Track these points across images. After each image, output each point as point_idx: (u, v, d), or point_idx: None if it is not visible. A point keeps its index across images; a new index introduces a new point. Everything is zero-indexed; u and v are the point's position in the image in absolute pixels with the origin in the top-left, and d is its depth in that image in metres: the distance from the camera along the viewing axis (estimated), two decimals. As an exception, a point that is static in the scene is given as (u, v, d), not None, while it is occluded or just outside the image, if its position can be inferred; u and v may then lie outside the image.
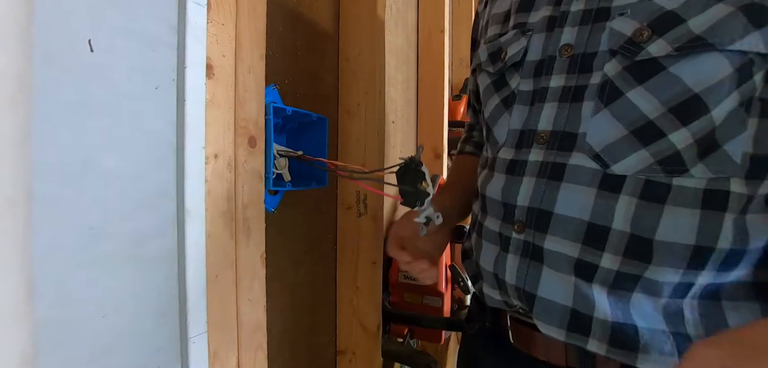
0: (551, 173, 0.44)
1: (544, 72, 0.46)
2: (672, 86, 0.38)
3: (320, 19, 0.73)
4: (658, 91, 0.38)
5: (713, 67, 0.36)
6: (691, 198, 0.38)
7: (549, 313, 0.43)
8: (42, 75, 0.30)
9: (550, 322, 0.43)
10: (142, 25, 0.38)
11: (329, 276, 0.79)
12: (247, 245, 0.50)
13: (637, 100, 0.39)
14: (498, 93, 0.52)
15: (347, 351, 0.80)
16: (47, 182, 0.31)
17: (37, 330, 0.30)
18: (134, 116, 0.38)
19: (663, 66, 0.38)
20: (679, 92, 0.38)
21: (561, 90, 0.44)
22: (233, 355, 0.48)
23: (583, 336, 0.41)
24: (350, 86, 0.78)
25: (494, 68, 0.52)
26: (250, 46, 0.50)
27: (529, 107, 0.47)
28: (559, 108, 0.44)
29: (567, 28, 0.45)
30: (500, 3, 0.56)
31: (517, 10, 0.52)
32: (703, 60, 0.37)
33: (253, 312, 0.51)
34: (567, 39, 0.45)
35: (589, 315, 0.41)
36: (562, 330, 0.42)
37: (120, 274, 0.37)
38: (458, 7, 1.71)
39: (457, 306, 1.07)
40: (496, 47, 0.53)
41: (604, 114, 0.41)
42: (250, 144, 0.51)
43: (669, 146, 0.38)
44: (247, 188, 0.50)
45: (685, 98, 0.37)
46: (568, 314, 0.42)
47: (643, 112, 0.39)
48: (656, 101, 0.39)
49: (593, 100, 0.42)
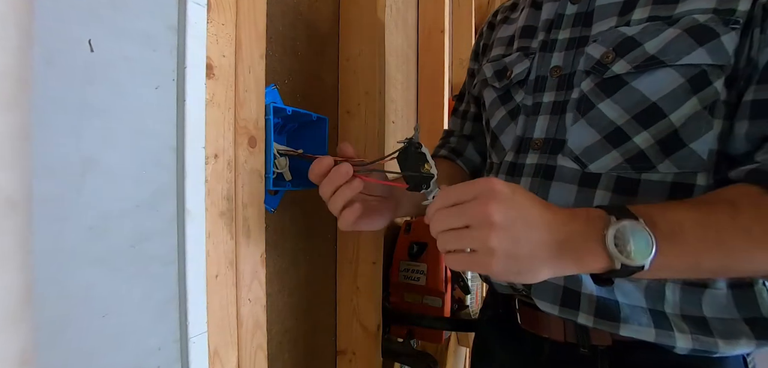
0: (544, 173, 0.51)
1: (538, 88, 0.55)
2: (633, 97, 0.45)
3: (320, 19, 0.73)
4: (622, 102, 0.46)
5: (666, 80, 0.44)
6: (659, 191, 0.45)
7: (545, 291, 0.49)
8: (42, 75, 0.30)
9: (545, 299, 0.49)
10: (142, 25, 0.38)
11: (329, 276, 0.79)
12: (247, 245, 0.50)
13: (606, 110, 0.47)
14: (504, 106, 0.59)
15: (347, 351, 0.80)
16: (47, 182, 0.31)
17: (37, 330, 0.30)
18: (134, 116, 0.37)
19: (626, 81, 0.46)
20: (639, 101, 0.45)
21: (552, 104, 0.53)
22: (233, 355, 0.48)
23: (574, 311, 0.48)
24: (350, 86, 0.78)
25: (500, 84, 0.60)
26: (250, 46, 0.50)
27: (526, 118, 0.55)
28: (550, 119, 0.52)
29: (556, 53, 0.54)
30: (506, 28, 0.66)
31: (521, 35, 0.61)
32: (656, 75, 0.44)
33: (253, 312, 0.51)
34: (556, 62, 0.53)
35: (578, 291, 0.47)
36: (556, 305, 0.49)
37: (120, 274, 0.37)
38: (458, 7, 1.71)
39: (457, 306, 1.07)
40: (502, 66, 0.61)
41: (581, 123, 0.49)
42: (250, 144, 0.51)
43: (634, 147, 0.46)
44: (247, 188, 0.50)
45: (645, 106, 0.45)
46: (560, 291, 0.49)
47: (611, 119, 0.47)
48: (621, 110, 0.46)
49: (573, 111, 0.50)
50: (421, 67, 1.32)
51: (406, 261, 1.04)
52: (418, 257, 1.04)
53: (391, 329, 1.02)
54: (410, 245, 1.05)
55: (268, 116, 0.54)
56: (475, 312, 1.08)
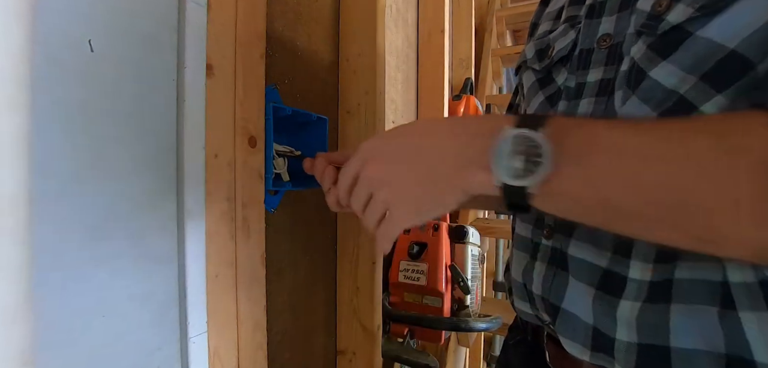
0: None
1: (583, 65, 0.43)
2: (699, 50, 0.31)
3: (320, 19, 0.73)
4: (684, 60, 0.32)
5: (753, 12, 0.29)
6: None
7: (571, 328, 0.39)
8: (42, 75, 0.30)
9: (572, 338, 0.39)
10: (142, 25, 0.38)
11: (329, 276, 0.79)
12: (247, 245, 0.50)
13: (661, 76, 0.34)
14: (543, 91, 0.48)
15: (347, 351, 0.80)
16: (47, 182, 0.31)
17: (37, 330, 0.30)
18: (134, 115, 0.38)
19: (689, 31, 0.32)
20: (709, 52, 0.31)
21: (598, 83, 0.40)
22: (233, 355, 0.48)
23: (609, 357, 0.37)
24: (350, 86, 0.78)
25: (540, 65, 0.49)
26: (250, 46, 0.50)
27: (568, 103, 0.43)
28: (596, 103, 0.40)
29: (605, 17, 0.42)
30: (555, 2, 0.53)
31: (570, 3, 0.48)
32: (736, 10, 0.30)
33: (253, 312, 0.51)
34: (605, 29, 0.41)
35: (612, 337, 0.36)
36: (587, 350, 0.38)
37: (120, 274, 0.37)
38: (458, 7, 1.71)
39: (457, 306, 1.07)
40: (545, 44, 0.49)
41: (633, 101, 0.36)
42: (250, 144, 0.51)
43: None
44: (247, 188, 0.50)
45: (719, 56, 0.30)
46: (590, 332, 0.37)
47: (669, 88, 0.33)
48: (683, 72, 0.32)
49: (622, 88, 0.37)
50: (421, 67, 1.32)
51: (406, 261, 1.04)
52: (418, 257, 1.04)
53: (391, 329, 1.02)
54: (410, 245, 1.06)
55: (268, 116, 0.54)
56: (475, 311, 1.08)
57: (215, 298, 0.45)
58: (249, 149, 0.50)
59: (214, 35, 0.45)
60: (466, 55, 1.68)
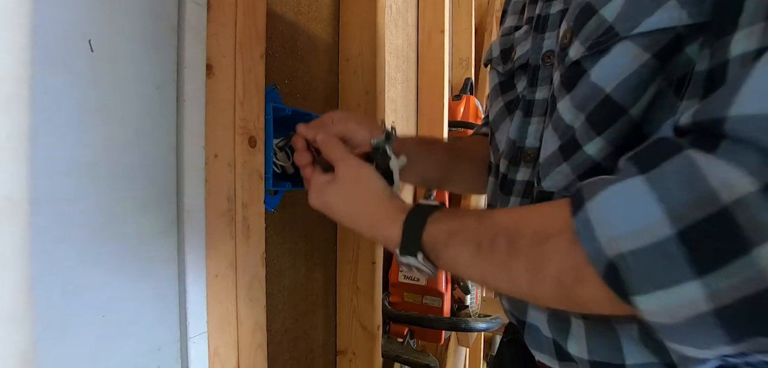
0: (531, 195, 0.41)
1: (532, 81, 0.42)
2: (587, 90, 0.32)
3: (320, 19, 0.73)
4: (578, 97, 0.33)
5: (625, 57, 0.29)
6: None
7: (536, 341, 0.40)
8: (42, 75, 0.30)
9: (538, 349, 0.40)
10: (142, 25, 0.38)
11: (329, 276, 0.79)
12: (247, 245, 0.50)
13: (563, 110, 0.34)
14: (503, 95, 0.47)
15: (347, 351, 0.80)
16: (47, 182, 0.31)
17: (37, 330, 0.30)
18: (134, 115, 0.38)
19: (584, 69, 0.32)
20: (592, 95, 0.31)
21: (544, 103, 0.40)
22: (233, 355, 0.48)
23: (574, 364, 0.37)
24: (350, 86, 0.78)
25: (504, 68, 0.47)
26: (250, 46, 0.50)
27: (523, 118, 0.43)
28: (544, 124, 0.39)
29: (548, 32, 0.41)
30: None
31: (531, 0, 0.45)
32: (614, 54, 0.30)
33: (253, 312, 0.51)
34: (549, 45, 0.40)
35: (569, 351, 0.38)
36: (555, 360, 0.39)
37: (120, 274, 0.37)
38: (458, 7, 1.71)
39: (457, 306, 1.07)
40: (509, 44, 0.47)
41: (549, 131, 0.37)
42: (250, 144, 0.51)
43: (586, 159, 0.33)
44: (247, 188, 0.50)
45: (598, 99, 0.31)
46: (551, 344, 0.38)
47: (567, 123, 0.34)
48: (575, 109, 0.33)
49: (544, 115, 0.39)
50: (421, 67, 1.32)
51: (406, 261, 1.04)
52: (418, 257, 1.04)
53: (391, 329, 1.02)
54: (410, 245, 1.05)
55: (268, 116, 0.54)
56: (475, 311, 1.08)
57: (215, 298, 0.45)
58: (249, 149, 0.50)
59: (214, 35, 0.45)
60: (466, 55, 1.68)
